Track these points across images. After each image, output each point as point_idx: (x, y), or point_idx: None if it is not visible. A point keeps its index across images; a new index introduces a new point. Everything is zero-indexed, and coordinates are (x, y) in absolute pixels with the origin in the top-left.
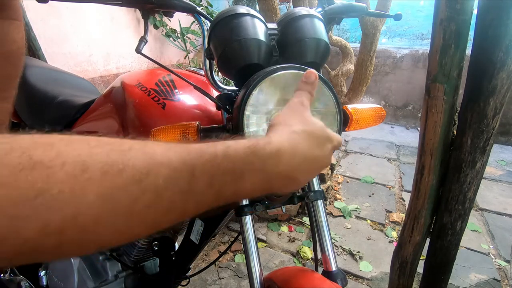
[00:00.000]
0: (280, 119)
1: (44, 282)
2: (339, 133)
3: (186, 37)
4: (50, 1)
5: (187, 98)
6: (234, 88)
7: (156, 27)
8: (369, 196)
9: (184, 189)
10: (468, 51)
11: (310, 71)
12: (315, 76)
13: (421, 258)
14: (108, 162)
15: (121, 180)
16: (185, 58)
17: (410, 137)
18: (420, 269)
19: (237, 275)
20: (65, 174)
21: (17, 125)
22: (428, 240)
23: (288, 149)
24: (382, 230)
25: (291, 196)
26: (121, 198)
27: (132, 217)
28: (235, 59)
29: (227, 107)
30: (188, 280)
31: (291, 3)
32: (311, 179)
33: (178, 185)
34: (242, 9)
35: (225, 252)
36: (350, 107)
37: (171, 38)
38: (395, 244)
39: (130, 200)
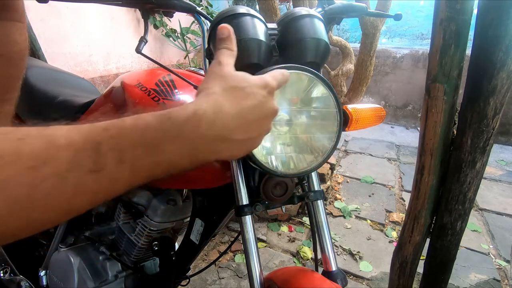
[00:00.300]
0: (200, 87)
1: (44, 282)
2: (339, 132)
3: (186, 37)
4: (50, 1)
5: (187, 98)
6: None
7: (156, 27)
8: (369, 196)
9: (92, 168)
10: (468, 51)
11: (222, 26)
12: (228, 30)
13: (421, 258)
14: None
15: (16, 170)
16: (185, 58)
17: (410, 137)
18: (420, 269)
19: (237, 275)
20: None
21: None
22: (428, 240)
23: (208, 110)
24: (382, 230)
25: (291, 196)
26: (18, 187)
27: (35, 205)
28: (235, 59)
29: None
30: (188, 280)
31: (291, 3)
32: (259, 135)
33: (84, 166)
34: (242, 9)
35: (225, 252)
36: (350, 107)
37: (171, 38)
38: (395, 244)
39: (28, 188)
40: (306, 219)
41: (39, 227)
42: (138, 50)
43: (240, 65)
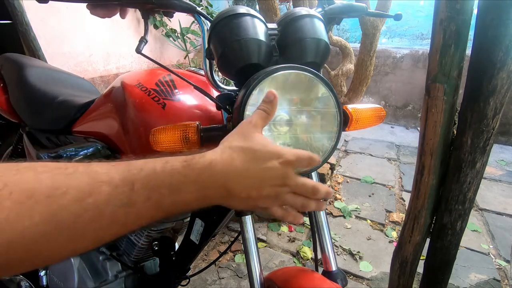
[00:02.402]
0: (225, 138)
1: (44, 282)
2: (339, 132)
3: (186, 37)
4: (50, 1)
5: (187, 98)
6: (234, 88)
7: (156, 27)
8: (369, 196)
9: (125, 203)
10: (468, 51)
11: (271, 91)
12: (274, 95)
13: (421, 258)
14: (54, 186)
15: (65, 201)
16: (185, 58)
17: (410, 137)
18: (420, 269)
19: (237, 275)
20: (12, 202)
21: (17, 125)
22: (428, 240)
23: (220, 161)
24: (382, 230)
25: None
26: (64, 216)
27: (75, 233)
28: (235, 59)
29: (227, 107)
30: (188, 280)
31: (291, 3)
32: (259, 197)
33: (119, 200)
34: (242, 9)
35: (225, 252)
36: (350, 107)
37: (171, 38)
38: (395, 244)
39: (73, 217)
40: (306, 219)
41: (70, 254)
42: (138, 50)
43: (240, 65)
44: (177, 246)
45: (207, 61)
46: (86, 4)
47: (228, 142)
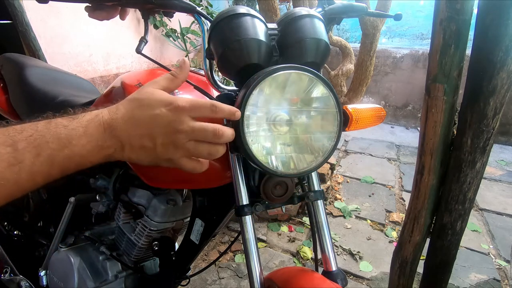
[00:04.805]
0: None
1: (44, 282)
2: (339, 133)
3: (186, 37)
4: (50, 1)
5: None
6: (234, 88)
7: (156, 27)
8: (369, 196)
9: (12, 162)
10: (468, 51)
11: (183, 59)
12: (183, 61)
13: (421, 258)
14: None
15: None
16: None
17: (410, 137)
18: (420, 269)
19: (237, 275)
20: None
21: None
22: (428, 240)
23: (107, 113)
24: (382, 230)
25: (291, 196)
26: None
27: None
28: (235, 59)
29: None
30: (188, 280)
31: (291, 3)
32: (154, 146)
33: (4, 161)
34: (242, 9)
35: (225, 252)
36: (350, 107)
37: (171, 38)
38: (395, 244)
39: None
40: (306, 219)
41: None
42: (138, 50)
43: (240, 65)
44: (177, 246)
45: (207, 61)
46: (84, 6)
47: (126, 97)
